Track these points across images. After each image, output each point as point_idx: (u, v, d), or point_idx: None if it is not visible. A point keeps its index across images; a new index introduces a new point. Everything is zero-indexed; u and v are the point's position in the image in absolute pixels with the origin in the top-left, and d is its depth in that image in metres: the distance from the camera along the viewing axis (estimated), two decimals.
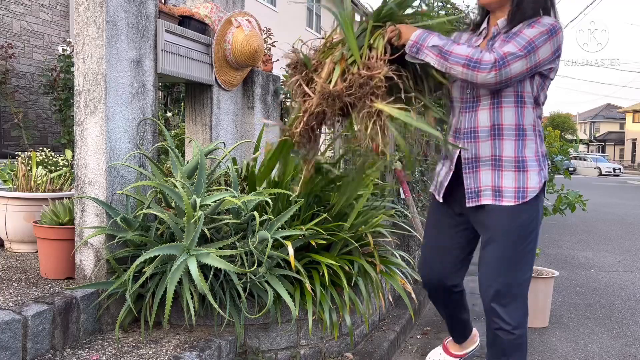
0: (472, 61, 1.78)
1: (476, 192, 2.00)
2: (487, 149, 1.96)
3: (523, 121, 1.93)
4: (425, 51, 1.83)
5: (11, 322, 1.84)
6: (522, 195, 1.93)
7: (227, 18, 3.14)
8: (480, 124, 1.97)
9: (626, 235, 7.66)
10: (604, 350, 3.20)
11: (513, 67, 1.79)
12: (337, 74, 1.81)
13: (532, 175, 1.94)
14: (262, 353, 2.39)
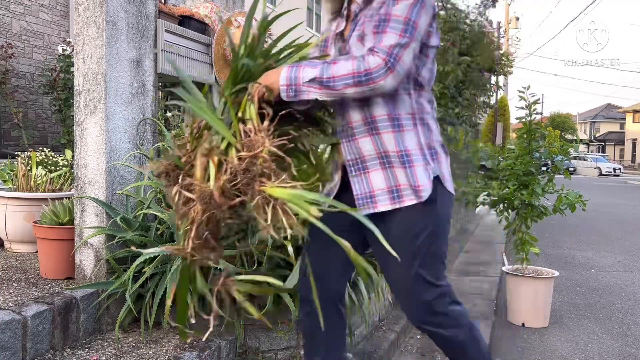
0: (361, 75, 1.50)
1: (364, 197, 1.70)
2: (369, 146, 1.67)
3: (397, 109, 1.65)
4: (304, 89, 1.54)
5: (11, 322, 1.84)
6: (416, 194, 1.64)
7: (227, 18, 3.14)
8: (353, 119, 1.68)
9: (626, 235, 7.66)
10: (604, 350, 3.20)
11: (405, 59, 1.54)
12: (212, 168, 1.49)
13: (418, 170, 1.65)
14: (262, 353, 2.39)
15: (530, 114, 3.56)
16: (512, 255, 4.21)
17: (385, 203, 1.66)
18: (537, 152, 3.67)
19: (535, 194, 3.56)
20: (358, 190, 1.70)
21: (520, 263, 3.73)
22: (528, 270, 3.71)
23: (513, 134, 12.00)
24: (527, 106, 3.55)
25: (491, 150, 3.86)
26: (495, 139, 13.90)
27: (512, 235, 3.79)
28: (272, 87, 1.55)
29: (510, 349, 3.21)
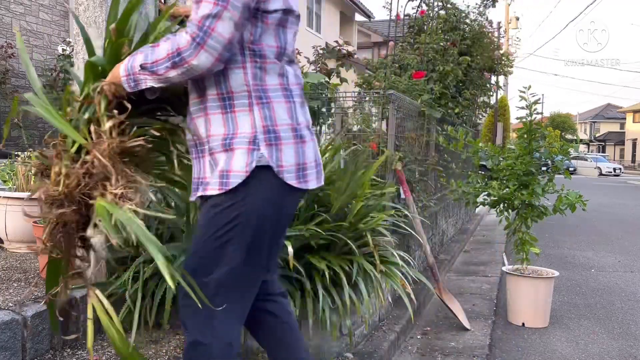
0: (174, 57, 1.35)
1: (196, 184, 1.54)
2: (202, 128, 1.49)
3: (228, 86, 1.44)
4: (140, 78, 1.40)
5: (11, 322, 1.84)
6: (222, 183, 1.43)
7: None
8: (191, 97, 1.52)
9: (626, 236, 7.66)
10: (604, 351, 3.19)
11: (221, 30, 1.34)
12: (63, 171, 1.43)
13: (238, 155, 1.43)
14: (262, 353, 2.39)
15: (531, 114, 3.56)
16: (512, 255, 4.21)
17: (195, 193, 1.52)
18: (537, 152, 3.67)
19: (535, 194, 3.56)
20: (194, 174, 1.54)
21: (520, 263, 3.73)
22: (528, 270, 3.71)
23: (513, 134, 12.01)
24: (527, 106, 3.55)
25: (491, 150, 3.85)
26: (495, 139, 13.90)
27: (512, 235, 3.79)
28: (116, 81, 1.43)
29: (510, 349, 3.21)
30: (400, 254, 2.90)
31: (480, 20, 7.11)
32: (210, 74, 1.41)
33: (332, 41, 6.17)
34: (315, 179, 1.53)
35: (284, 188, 1.45)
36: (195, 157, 1.53)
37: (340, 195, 2.62)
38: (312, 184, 1.52)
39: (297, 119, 1.49)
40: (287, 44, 1.49)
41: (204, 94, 1.47)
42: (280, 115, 1.46)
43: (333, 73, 4.69)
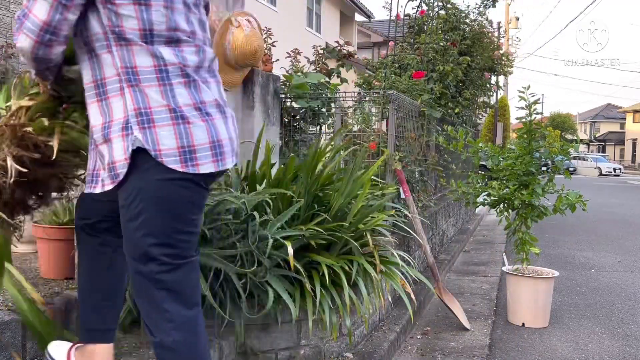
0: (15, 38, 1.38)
1: (90, 176, 1.53)
2: (90, 119, 1.48)
3: (101, 72, 1.42)
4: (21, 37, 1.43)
5: (11, 323, 1.84)
6: (114, 174, 1.41)
7: (227, 18, 3.14)
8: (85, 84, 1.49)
9: (626, 236, 7.66)
10: (604, 350, 3.19)
11: (37, 12, 1.32)
12: None
13: (116, 143, 1.39)
14: (262, 353, 2.39)
15: (531, 114, 3.56)
16: (512, 255, 4.21)
17: (90, 185, 1.51)
18: (537, 152, 3.67)
19: (535, 194, 3.56)
20: (89, 166, 1.52)
21: (520, 263, 3.73)
22: (528, 270, 3.71)
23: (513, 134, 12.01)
24: (527, 106, 3.55)
25: (491, 150, 3.85)
26: (495, 139, 13.90)
27: (512, 235, 3.79)
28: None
29: (510, 349, 3.21)
30: (400, 254, 2.90)
31: (480, 20, 7.11)
32: (44, 58, 1.42)
33: (332, 41, 6.17)
34: (212, 162, 1.43)
35: (170, 173, 1.38)
36: (91, 147, 1.51)
37: (340, 196, 2.62)
38: (206, 168, 1.42)
39: (175, 101, 1.40)
40: (153, 24, 1.39)
41: (85, 83, 1.45)
42: (152, 97, 1.39)
43: (333, 73, 4.69)
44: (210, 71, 1.53)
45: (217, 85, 1.54)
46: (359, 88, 5.53)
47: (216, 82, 1.54)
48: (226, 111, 1.53)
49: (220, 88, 1.55)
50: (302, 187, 2.56)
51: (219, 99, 1.51)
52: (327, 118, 4.33)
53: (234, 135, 1.54)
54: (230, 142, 1.50)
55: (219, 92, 1.53)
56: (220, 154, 1.45)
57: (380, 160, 3.03)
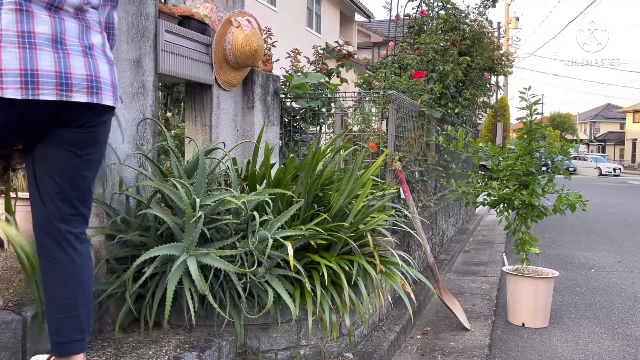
0: None
1: None
2: None
3: None
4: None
5: (11, 323, 1.84)
6: None
7: (227, 18, 3.14)
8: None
9: (626, 236, 7.66)
10: (604, 350, 3.19)
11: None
12: None
13: None
14: (262, 353, 2.39)
15: (531, 114, 3.56)
16: (512, 255, 4.21)
17: None
18: (537, 152, 3.67)
19: (535, 194, 3.56)
20: None
21: (520, 263, 3.73)
22: (528, 270, 3.71)
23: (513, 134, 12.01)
24: (527, 106, 3.55)
25: (491, 150, 3.85)
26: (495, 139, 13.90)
27: (512, 235, 3.79)
28: None
29: (510, 349, 3.21)
30: (400, 254, 2.90)
31: (480, 21, 7.11)
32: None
33: (332, 41, 6.17)
34: (19, 88, 1.48)
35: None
36: None
37: (340, 196, 2.62)
38: (10, 93, 1.47)
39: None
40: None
41: None
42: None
43: (333, 73, 4.69)
44: (59, 9, 1.57)
45: (62, 22, 1.58)
46: (359, 88, 5.53)
47: (64, 21, 1.59)
48: (69, 48, 1.57)
49: (73, 28, 1.60)
50: (302, 187, 2.57)
51: (58, 35, 1.56)
52: (327, 118, 4.33)
53: (82, 72, 1.58)
54: (60, 75, 1.54)
55: (62, 29, 1.58)
56: (33, 83, 1.49)
57: (380, 160, 3.03)
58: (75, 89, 1.56)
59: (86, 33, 1.64)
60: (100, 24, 1.71)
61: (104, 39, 1.72)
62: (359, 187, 2.70)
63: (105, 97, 1.64)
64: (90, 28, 1.66)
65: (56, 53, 1.54)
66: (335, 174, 2.91)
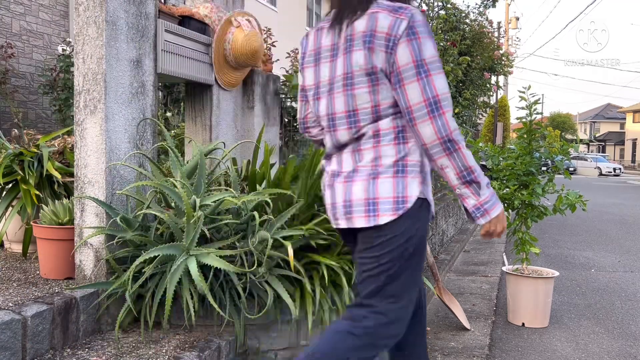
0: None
1: None
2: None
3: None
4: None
5: (11, 322, 1.84)
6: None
7: (227, 18, 3.14)
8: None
9: (626, 235, 7.66)
10: (604, 350, 3.19)
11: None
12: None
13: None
14: (262, 353, 2.39)
15: (531, 114, 3.56)
16: (512, 255, 4.21)
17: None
18: (537, 152, 3.67)
19: (535, 194, 3.56)
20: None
21: (520, 263, 3.73)
22: (528, 270, 3.71)
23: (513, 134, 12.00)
24: (527, 106, 3.55)
25: (491, 150, 3.85)
26: (495, 139, 13.90)
27: (512, 235, 3.79)
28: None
29: (510, 349, 3.21)
30: None
31: (480, 21, 7.11)
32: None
33: None
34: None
35: None
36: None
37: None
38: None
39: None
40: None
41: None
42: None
43: None
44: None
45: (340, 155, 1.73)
46: None
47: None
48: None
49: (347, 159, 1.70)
50: (302, 187, 2.56)
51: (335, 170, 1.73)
52: None
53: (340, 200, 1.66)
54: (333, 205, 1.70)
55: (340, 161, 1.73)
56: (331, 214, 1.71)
57: None
58: (339, 217, 1.65)
59: (356, 157, 1.63)
60: (378, 133, 1.59)
61: (377, 152, 1.59)
62: None
63: (357, 220, 1.59)
64: (361, 150, 1.61)
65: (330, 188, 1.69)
66: None
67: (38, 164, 2.79)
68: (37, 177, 2.75)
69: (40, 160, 2.77)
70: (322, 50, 1.65)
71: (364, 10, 1.53)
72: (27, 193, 2.66)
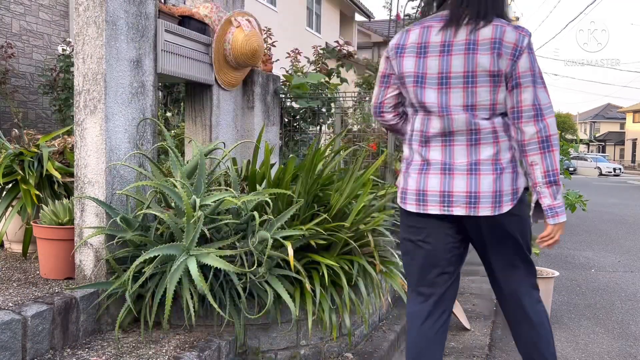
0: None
1: None
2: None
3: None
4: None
5: (11, 322, 1.84)
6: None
7: (227, 18, 3.14)
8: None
9: (626, 235, 7.66)
10: (604, 350, 3.19)
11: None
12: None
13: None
14: (262, 353, 2.39)
15: None
16: None
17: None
18: None
19: None
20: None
21: None
22: None
23: None
24: None
25: None
26: None
27: None
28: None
29: (510, 349, 3.21)
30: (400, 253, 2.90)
31: None
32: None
33: (332, 41, 6.17)
34: (412, 204, 1.87)
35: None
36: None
37: (340, 196, 2.62)
38: (409, 207, 1.87)
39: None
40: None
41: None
42: (404, 152, 1.95)
43: (333, 73, 4.69)
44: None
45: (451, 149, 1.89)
46: (359, 88, 5.53)
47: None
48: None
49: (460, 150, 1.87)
50: (302, 187, 2.56)
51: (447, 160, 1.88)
52: (327, 118, 4.34)
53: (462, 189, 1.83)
54: (443, 193, 1.85)
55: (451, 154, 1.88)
56: (422, 201, 1.86)
57: (380, 160, 3.03)
58: (457, 204, 1.82)
59: (474, 150, 1.81)
60: (495, 129, 1.80)
61: (497, 147, 1.80)
62: (360, 187, 2.70)
63: (483, 210, 1.81)
64: (480, 144, 1.80)
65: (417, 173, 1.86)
66: (335, 174, 2.91)
67: (38, 164, 2.79)
68: (37, 177, 2.75)
69: (40, 160, 2.77)
70: (430, 45, 1.82)
71: (488, 22, 1.75)
72: (27, 193, 2.66)
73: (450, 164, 1.81)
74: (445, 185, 1.81)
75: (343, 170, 2.98)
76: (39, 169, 2.77)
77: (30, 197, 2.64)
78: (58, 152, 2.99)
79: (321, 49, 4.84)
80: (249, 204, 2.31)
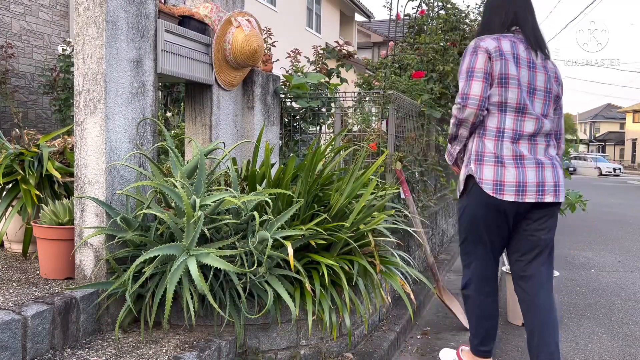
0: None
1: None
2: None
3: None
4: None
5: (11, 322, 1.84)
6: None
7: (227, 18, 3.14)
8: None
9: (626, 236, 7.66)
10: (604, 350, 3.19)
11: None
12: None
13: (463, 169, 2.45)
14: (262, 353, 2.39)
15: None
16: None
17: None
18: None
19: None
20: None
21: None
22: None
23: None
24: None
25: None
26: None
27: None
28: None
29: (510, 349, 3.21)
30: (400, 254, 2.90)
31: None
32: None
33: (332, 41, 6.17)
34: (511, 194, 2.26)
35: (483, 195, 2.29)
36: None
37: (340, 196, 2.62)
38: (507, 197, 2.25)
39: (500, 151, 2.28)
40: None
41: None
42: (487, 146, 2.30)
43: (333, 73, 4.69)
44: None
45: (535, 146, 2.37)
46: (359, 88, 5.53)
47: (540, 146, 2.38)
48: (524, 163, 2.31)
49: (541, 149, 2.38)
50: (302, 187, 2.57)
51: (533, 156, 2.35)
52: (327, 118, 4.33)
53: (551, 180, 2.33)
54: (539, 184, 2.30)
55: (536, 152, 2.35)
56: (518, 191, 2.26)
57: (380, 160, 3.03)
58: (548, 193, 2.29)
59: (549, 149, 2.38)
60: (556, 135, 2.47)
61: (557, 149, 2.44)
62: (360, 187, 2.70)
63: (559, 197, 2.34)
64: (550, 146, 2.38)
65: (515, 167, 2.28)
66: (335, 174, 2.91)
67: (38, 164, 2.79)
68: (37, 177, 2.75)
69: (41, 160, 2.77)
70: (520, 57, 2.28)
71: (548, 58, 2.39)
72: (27, 193, 2.66)
73: (539, 159, 2.27)
74: (539, 177, 2.25)
75: (343, 170, 2.98)
76: (39, 169, 2.77)
77: (30, 197, 2.65)
78: (58, 152, 2.99)
79: (321, 49, 4.85)
80: (249, 204, 2.32)
